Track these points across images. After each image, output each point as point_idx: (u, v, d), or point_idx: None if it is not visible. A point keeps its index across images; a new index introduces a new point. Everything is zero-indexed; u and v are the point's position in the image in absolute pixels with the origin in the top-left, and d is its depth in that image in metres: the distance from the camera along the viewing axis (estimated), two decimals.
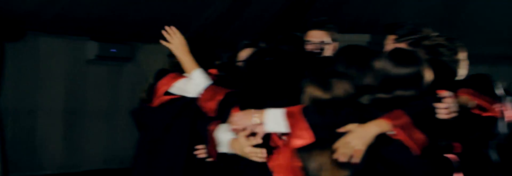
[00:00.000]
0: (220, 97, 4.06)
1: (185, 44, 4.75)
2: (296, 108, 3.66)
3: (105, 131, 10.81)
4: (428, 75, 3.79)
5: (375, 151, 3.60)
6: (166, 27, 4.79)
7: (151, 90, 4.94)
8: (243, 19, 11.06)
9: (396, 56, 3.79)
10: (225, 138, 3.89)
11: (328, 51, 5.25)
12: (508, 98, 4.44)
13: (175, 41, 4.75)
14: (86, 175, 10.52)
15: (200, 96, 4.25)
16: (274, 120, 3.69)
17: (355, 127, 3.59)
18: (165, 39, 4.77)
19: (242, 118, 3.80)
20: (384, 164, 3.61)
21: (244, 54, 4.97)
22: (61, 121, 10.31)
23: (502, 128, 4.33)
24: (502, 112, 4.30)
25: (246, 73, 3.98)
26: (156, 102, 4.91)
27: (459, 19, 12.58)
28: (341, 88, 3.68)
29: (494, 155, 4.41)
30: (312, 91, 3.70)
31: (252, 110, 3.79)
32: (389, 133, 3.60)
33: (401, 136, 3.59)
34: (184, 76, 4.79)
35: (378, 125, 3.58)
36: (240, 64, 4.85)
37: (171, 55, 4.88)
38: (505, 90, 4.44)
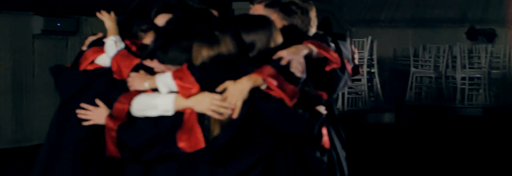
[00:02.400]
0: (136, 62, 4.16)
1: (113, 18, 4.88)
2: (182, 67, 3.78)
3: (52, 105, 10.82)
4: (278, 34, 3.99)
5: (251, 107, 3.73)
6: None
7: (80, 57, 4.98)
8: None
9: (245, 22, 3.98)
10: (163, 98, 3.83)
11: None
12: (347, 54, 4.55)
13: (106, 16, 4.90)
14: (36, 149, 10.54)
15: (113, 60, 4.26)
16: (164, 82, 3.80)
17: (230, 84, 3.73)
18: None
19: (136, 81, 3.91)
20: (259, 118, 3.75)
21: (161, 20, 4.93)
22: (10, 96, 10.36)
23: (345, 81, 4.50)
24: (344, 65, 4.43)
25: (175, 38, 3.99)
26: (81, 68, 4.92)
27: None
28: (226, 42, 3.81)
29: (335, 108, 4.61)
30: (199, 50, 3.80)
31: (147, 75, 3.90)
32: (262, 87, 3.75)
33: (273, 87, 3.75)
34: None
35: (250, 79, 3.72)
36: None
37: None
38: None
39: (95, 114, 4.05)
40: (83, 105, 4.04)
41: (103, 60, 4.86)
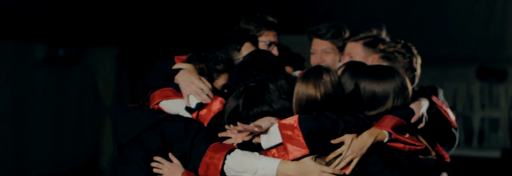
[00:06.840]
0: (219, 107, 3.84)
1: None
2: (291, 119, 3.49)
3: (53, 134, 10.58)
4: (409, 85, 3.72)
5: (363, 170, 3.50)
6: None
7: (154, 90, 4.44)
8: (193, 20, 10.94)
9: (375, 72, 3.69)
10: (265, 163, 3.57)
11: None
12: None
13: None
14: None
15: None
16: (270, 135, 3.54)
17: (349, 138, 3.44)
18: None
19: (238, 135, 3.65)
20: None
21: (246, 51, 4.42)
22: (9, 124, 10.03)
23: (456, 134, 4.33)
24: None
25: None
26: (151, 106, 4.41)
27: (409, 19, 12.60)
28: (332, 83, 3.53)
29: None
30: (304, 90, 3.54)
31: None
32: (385, 141, 3.50)
33: (401, 138, 3.51)
34: (177, 96, 4.26)
35: (372, 134, 3.47)
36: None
37: (119, 58, 4.45)
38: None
39: (169, 169, 3.83)
40: (156, 158, 3.87)
41: (171, 105, 4.25)
